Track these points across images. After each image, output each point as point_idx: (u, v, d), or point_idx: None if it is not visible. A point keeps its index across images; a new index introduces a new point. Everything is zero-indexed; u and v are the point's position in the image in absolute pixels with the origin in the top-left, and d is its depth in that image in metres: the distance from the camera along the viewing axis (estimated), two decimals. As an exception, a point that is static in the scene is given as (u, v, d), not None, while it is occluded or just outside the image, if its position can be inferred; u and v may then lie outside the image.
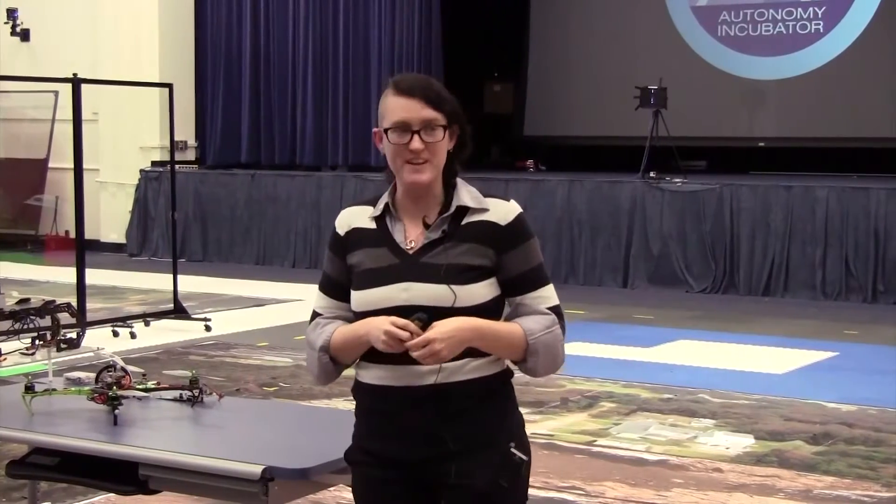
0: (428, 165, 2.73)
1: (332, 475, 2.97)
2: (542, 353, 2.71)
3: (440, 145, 2.74)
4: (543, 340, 2.71)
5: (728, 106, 14.79)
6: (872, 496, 5.33)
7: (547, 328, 2.72)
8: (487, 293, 2.71)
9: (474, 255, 2.70)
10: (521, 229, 2.76)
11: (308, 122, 15.16)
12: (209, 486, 2.96)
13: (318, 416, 3.87)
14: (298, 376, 7.89)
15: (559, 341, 2.74)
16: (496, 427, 2.73)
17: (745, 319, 10.48)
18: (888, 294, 11.24)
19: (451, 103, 2.75)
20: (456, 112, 2.76)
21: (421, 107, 2.70)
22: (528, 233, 2.77)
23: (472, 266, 2.70)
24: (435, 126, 2.71)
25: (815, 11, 14.49)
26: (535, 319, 2.73)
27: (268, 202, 14.51)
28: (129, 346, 8.85)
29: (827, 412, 6.93)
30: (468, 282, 2.69)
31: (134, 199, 15.31)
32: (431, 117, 2.71)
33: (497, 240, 2.72)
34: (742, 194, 11.89)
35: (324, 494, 4.37)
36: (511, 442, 2.73)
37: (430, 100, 2.71)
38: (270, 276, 13.37)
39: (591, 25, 15.65)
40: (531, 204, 12.88)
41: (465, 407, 2.70)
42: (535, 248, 2.79)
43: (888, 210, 11.25)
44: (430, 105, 2.71)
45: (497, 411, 2.75)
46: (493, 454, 2.70)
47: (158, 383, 3.62)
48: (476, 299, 2.69)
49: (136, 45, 15.23)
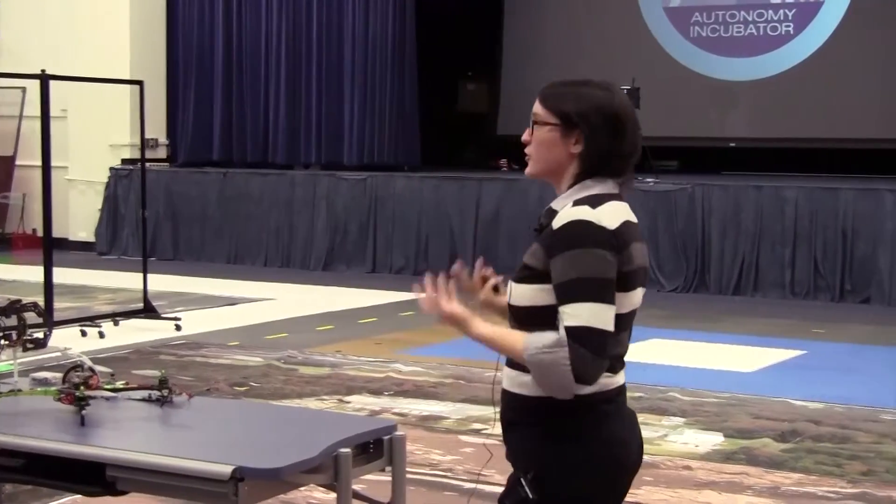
0: (531, 160, 2.77)
1: (302, 475, 2.96)
2: (534, 372, 2.59)
3: (544, 141, 2.72)
4: (538, 359, 2.55)
5: (700, 106, 14.85)
6: (838, 492, 5.38)
7: (546, 347, 2.55)
8: (537, 298, 2.64)
9: (532, 257, 2.69)
10: (568, 237, 2.60)
11: (280, 120, 15.12)
12: (178, 486, 2.94)
13: (289, 416, 3.85)
14: (269, 375, 7.88)
15: (560, 366, 2.53)
16: (522, 451, 2.69)
17: (716, 318, 10.53)
18: (855, 293, 11.33)
19: (564, 105, 2.69)
20: (568, 115, 2.69)
21: (536, 102, 2.75)
22: (575, 242, 2.59)
23: (526, 266, 2.69)
24: (539, 121, 2.73)
25: (785, 13, 14.57)
26: (543, 335, 2.57)
27: (240, 200, 14.47)
28: (97, 345, 8.80)
29: (795, 410, 6.98)
30: (519, 281, 2.69)
31: (104, 197, 15.23)
32: (535, 112, 2.74)
33: (548, 245, 2.64)
34: (713, 194, 11.95)
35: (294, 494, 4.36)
36: (528, 473, 2.64)
37: (544, 97, 2.74)
38: (242, 275, 13.33)
39: (565, 25, 15.68)
40: (504, 203, 12.93)
41: (515, 420, 2.72)
42: (579, 260, 2.57)
43: (856, 210, 11.33)
44: (540, 101, 2.74)
45: (524, 436, 2.68)
46: (512, 475, 2.71)
47: (127, 383, 3.59)
48: (522, 300, 2.68)
49: (107, 42, 15.15)
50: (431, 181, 13.51)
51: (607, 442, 2.66)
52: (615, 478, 2.70)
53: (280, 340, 9.30)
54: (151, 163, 13.74)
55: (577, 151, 2.70)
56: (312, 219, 14.00)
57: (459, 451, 6.04)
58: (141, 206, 10.30)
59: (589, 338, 2.54)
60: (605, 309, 2.57)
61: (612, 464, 2.67)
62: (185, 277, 12.79)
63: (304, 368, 8.14)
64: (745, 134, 14.82)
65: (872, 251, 11.26)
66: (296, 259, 14.09)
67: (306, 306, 11.09)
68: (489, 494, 5.31)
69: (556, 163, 2.72)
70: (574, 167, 2.71)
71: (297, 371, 8.06)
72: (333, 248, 13.88)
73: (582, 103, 2.68)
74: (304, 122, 15.05)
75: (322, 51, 14.89)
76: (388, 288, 12.21)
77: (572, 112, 2.68)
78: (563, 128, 2.70)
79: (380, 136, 14.59)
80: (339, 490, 2.98)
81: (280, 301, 11.50)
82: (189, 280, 12.63)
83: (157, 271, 11.13)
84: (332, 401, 7.16)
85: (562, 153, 2.71)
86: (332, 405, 7.04)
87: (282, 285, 12.55)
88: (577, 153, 2.70)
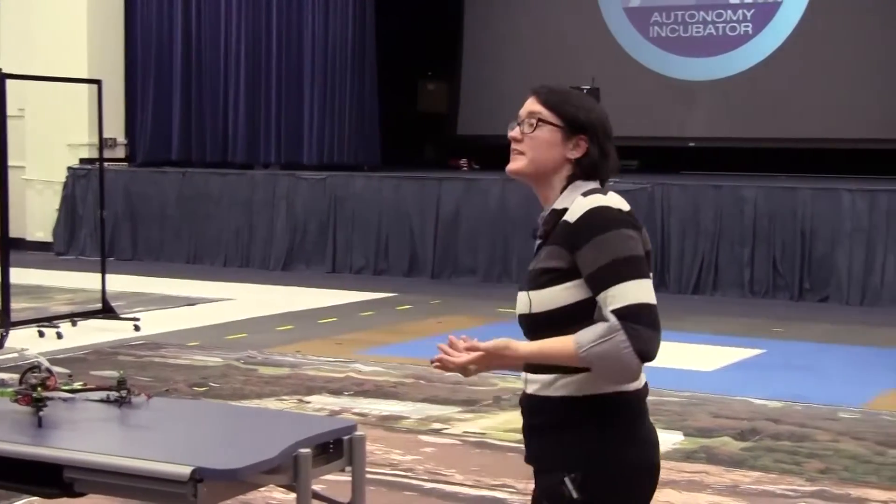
0: (521, 157, 2.75)
1: (262, 475, 2.94)
2: (597, 366, 2.57)
3: (540, 140, 2.72)
4: (596, 352, 2.55)
5: (659, 106, 14.92)
6: (797, 490, 5.41)
7: (600, 337, 2.55)
8: (568, 296, 2.63)
9: (552, 258, 2.66)
10: (589, 225, 2.61)
11: (240, 120, 15.06)
12: (137, 487, 2.92)
13: (249, 417, 3.83)
14: (229, 376, 7.84)
15: (620, 349, 2.54)
16: (559, 453, 2.68)
17: (675, 317, 10.54)
18: (814, 292, 11.42)
19: (574, 110, 2.72)
20: (577, 119, 2.71)
21: (533, 102, 2.75)
22: (598, 228, 2.60)
23: (548, 269, 2.66)
24: (539, 120, 2.72)
25: (744, 14, 14.68)
26: (591, 329, 2.57)
27: (199, 200, 14.40)
28: (55, 346, 8.73)
29: (754, 408, 7.02)
30: (544, 285, 2.66)
31: (61, 196, 15.12)
32: (536, 111, 2.73)
33: (568, 239, 2.63)
34: (672, 194, 12.01)
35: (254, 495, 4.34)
36: (571, 474, 2.63)
37: (545, 97, 2.74)
38: (201, 275, 13.27)
39: (525, 25, 15.71)
40: (464, 203, 12.93)
41: (544, 424, 2.71)
42: (609, 243, 2.59)
43: (815, 210, 11.42)
44: (541, 101, 2.74)
45: (570, 437, 2.67)
46: (548, 479, 2.69)
47: (85, 384, 3.56)
48: (552, 304, 2.65)
49: (65, 41, 15.04)
50: (391, 181, 13.50)
51: (643, 441, 2.73)
52: (651, 477, 2.74)
53: (240, 341, 9.26)
54: (110, 162, 13.64)
55: (575, 156, 2.73)
56: (272, 219, 13.96)
57: (420, 450, 6.04)
58: (99, 205, 10.23)
59: (640, 314, 2.57)
60: (646, 283, 2.61)
61: (648, 464, 2.73)
62: (144, 278, 12.71)
63: (264, 369, 8.11)
64: (704, 134, 14.90)
65: (831, 250, 11.35)
66: (255, 259, 14.04)
67: (266, 306, 11.05)
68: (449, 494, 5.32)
69: (551, 163, 2.73)
70: (566, 170, 2.73)
71: (257, 371, 8.03)
72: (293, 247, 13.84)
73: (591, 113, 2.74)
74: (264, 121, 14.99)
75: (281, 49, 14.84)
76: (348, 288, 12.19)
77: (583, 119, 2.72)
78: (566, 131, 2.72)
79: (339, 135, 14.57)
80: (299, 490, 2.97)
81: (239, 301, 11.45)
82: (148, 280, 12.56)
83: (115, 271, 11.05)
84: (292, 401, 7.14)
85: (559, 155, 2.73)
86: (292, 405, 7.01)
87: (241, 285, 12.50)
88: (573, 158, 2.73)
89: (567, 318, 2.62)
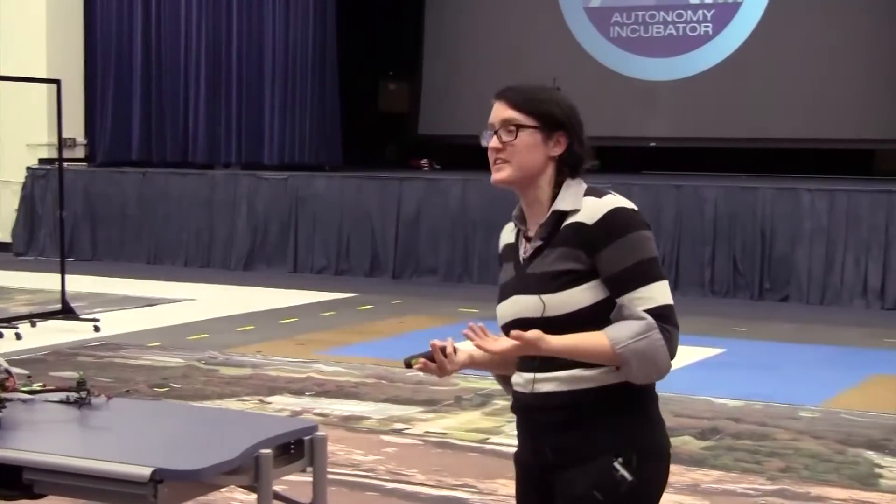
0: (506, 165, 2.73)
1: (223, 476, 2.93)
2: (634, 362, 2.60)
3: (521, 145, 2.71)
4: (634, 349, 2.58)
5: (620, 106, 14.95)
6: (758, 489, 5.45)
7: (638, 335, 2.58)
8: (586, 298, 2.63)
9: (565, 260, 2.64)
10: (612, 226, 2.62)
11: (200, 120, 14.99)
12: (97, 489, 2.90)
13: (210, 417, 3.82)
14: (190, 377, 7.81)
15: (657, 347, 2.59)
16: (599, 441, 2.67)
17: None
18: (774, 291, 11.50)
19: (548, 107, 2.71)
20: (554, 117, 2.71)
21: (504, 108, 2.73)
22: (622, 229, 2.61)
23: (562, 271, 2.64)
24: (516, 126, 2.70)
25: (704, 14, 14.75)
26: (625, 326, 2.60)
27: (159, 201, 14.32)
28: (14, 347, 8.66)
29: (715, 408, 7.06)
30: (559, 288, 2.64)
31: (20, 197, 15.01)
32: (511, 117, 2.71)
33: (586, 240, 2.63)
34: (633, 194, 12.03)
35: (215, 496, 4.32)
36: (619, 457, 2.65)
37: (515, 102, 2.72)
38: (162, 275, 13.20)
39: (486, 25, 15.73)
40: (425, 203, 12.94)
41: (566, 418, 2.68)
42: (634, 243, 2.61)
43: (774, 210, 11.50)
44: (512, 106, 2.72)
45: (606, 425, 2.67)
46: (592, 467, 2.66)
47: (44, 385, 3.53)
48: (569, 306, 2.63)
49: (24, 40, 14.92)
50: (352, 181, 13.48)
51: (661, 423, 2.81)
52: (669, 457, 2.81)
53: (201, 341, 9.22)
54: (69, 162, 13.56)
55: (557, 154, 2.72)
56: (233, 219, 13.90)
57: (381, 451, 6.03)
58: (59, 206, 10.16)
59: (668, 315, 2.62)
60: (666, 284, 2.66)
61: (668, 444, 2.81)
62: (104, 278, 12.63)
63: (225, 369, 8.08)
64: (664, 134, 14.97)
65: (791, 250, 11.44)
66: (216, 259, 13.98)
67: (227, 307, 11.01)
68: (411, 494, 5.31)
69: (536, 166, 2.72)
70: (552, 170, 2.73)
71: (218, 372, 7.99)
72: (254, 248, 13.80)
73: (563, 106, 2.73)
74: (224, 121, 14.93)
75: (242, 49, 14.79)
76: (309, 288, 12.17)
77: (558, 115, 2.71)
78: (544, 130, 2.71)
79: (300, 135, 14.54)
80: (260, 491, 2.96)
81: (200, 301, 11.40)
82: (108, 281, 12.48)
83: (75, 272, 10.98)
84: (253, 401, 7.11)
85: (541, 156, 2.72)
86: (253, 406, 6.99)
87: (202, 286, 12.45)
88: (555, 156, 2.72)
89: (586, 320, 2.62)
